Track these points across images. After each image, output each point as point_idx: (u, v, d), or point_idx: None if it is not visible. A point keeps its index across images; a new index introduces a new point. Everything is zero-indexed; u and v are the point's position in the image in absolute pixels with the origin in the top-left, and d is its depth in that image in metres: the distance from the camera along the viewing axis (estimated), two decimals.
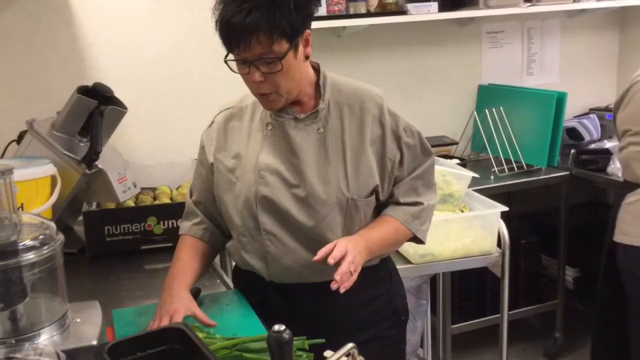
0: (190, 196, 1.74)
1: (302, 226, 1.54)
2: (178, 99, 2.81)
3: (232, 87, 2.73)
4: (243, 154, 1.58)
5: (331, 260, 1.40)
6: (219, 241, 1.72)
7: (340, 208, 1.54)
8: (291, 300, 1.61)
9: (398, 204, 1.63)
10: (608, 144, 3.14)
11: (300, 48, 1.47)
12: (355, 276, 1.43)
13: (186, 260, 1.64)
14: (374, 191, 1.58)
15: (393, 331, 1.72)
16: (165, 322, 1.45)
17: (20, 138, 2.12)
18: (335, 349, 1.20)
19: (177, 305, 1.50)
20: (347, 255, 1.43)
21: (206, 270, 1.72)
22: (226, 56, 1.47)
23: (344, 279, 1.40)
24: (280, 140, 1.55)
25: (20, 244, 1.24)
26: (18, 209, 1.35)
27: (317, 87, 1.58)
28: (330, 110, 1.57)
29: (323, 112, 1.56)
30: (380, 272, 1.68)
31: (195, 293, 1.65)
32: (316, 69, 1.59)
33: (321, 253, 1.43)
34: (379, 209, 1.64)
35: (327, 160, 1.54)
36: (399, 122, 1.59)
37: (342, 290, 1.40)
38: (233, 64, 1.48)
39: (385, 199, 1.63)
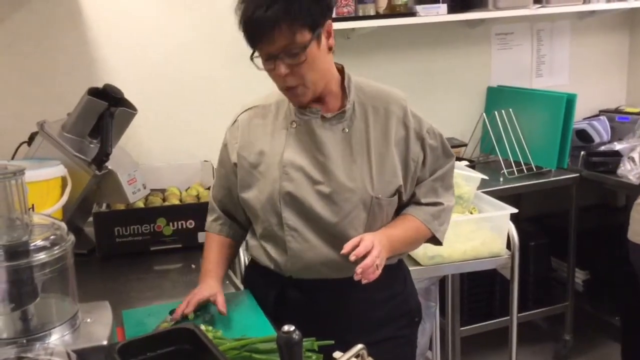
0: (212, 192, 1.80)
1: (325, 222, 1.56)
2: (187, 100, 2.82)
3: (239, 88, 2.77)
4: (267, 151, 1.60)
5: (353, 258, 1.42)
6: (238, 234, 1.78)
7: (364, 206, 1.56)
8: (309, 296, 1.62)
9: (419, 204, 1.66)
10: (618, 146, 3.12)
11: (323, 39, 1.49)
12: (379, 271, 1.45)
13: (214, 257, 1.73)
14: (397, 191, 1.60)
15: (407, 331, 1.74)
16: (189, 301, 1.57)
17: (31, 139, 2.14)
18: (349, 347, 1.21)
19: (203, 288, 1.62)
20: (374, 249, 1.45)
21: (233, 260, 1.84)
22: (252, 55, 1.49)
23: (369, 272, 1.42)
24: (305, 138, 1.57)
25: (32, 245, 1.25)
26: (29, 209, 1.36)
27: (342, 88, 1.60)
28: (356, 110, 1.59)
29: (348, 112, 1.58)
30: (396, 272, 1.70)
31: None
32: (340, 70, 1.61)
33: (348, 247, 1.45)
34: (399, 209, 1.66)
35: (353, 159, 1.57)
36: (422, 124, 1.62)
37: (364, 282, 1.42)
38: (259, 63, 1.50)
39: (407, 200, 1.66)
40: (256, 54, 1.48)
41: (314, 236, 1.57)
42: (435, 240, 1.71)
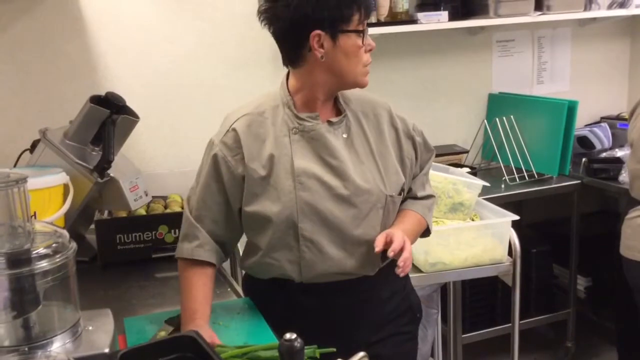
0: (191, 213, 1.64)
1: (344, 228, 1.56)
2: (189, 108, 2.82)
3: (241, 95, 2.75)
4: (275, 161, 1.55)
5: (391, 253, 1.48)
6: (222, 261, 1.68)
7: (381, 205, 1.59)
8: (316, 298, 1.62)
9: (415, 198, 1.73)
10: (619, 153, 3.13)
11: None
12: (410, 263, 1.52)
13: (202, 293, 1.57)
14: (402, 189, 1.65)
15: (410, 327, 1.78)
16: None
17: (33, 147, 2.14)
18: (355, 347, 1.23)
19: (210, 335, 1.46)
20: (406, 242, 1.51)
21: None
22: (342, 29, 1.49)
23: (407, 265, 1.49)
24: (313, 144, 1.57)
25: (34, 252, 1.25)
26: (31, 217, 1.36)
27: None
28: (349, 117, 1.62)
29: (345, 118, 1.61)
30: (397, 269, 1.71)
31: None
32: None
33: (380, 244, 1.49)
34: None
35: (360, 161, 1.59)
36: (407, 123, 1.69)
37: (402, 275, 1.50)
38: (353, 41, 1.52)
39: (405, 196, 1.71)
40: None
41: (330, 245, 1.56)
42: (426, 232, 1.77)
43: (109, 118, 2.07)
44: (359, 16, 1.49)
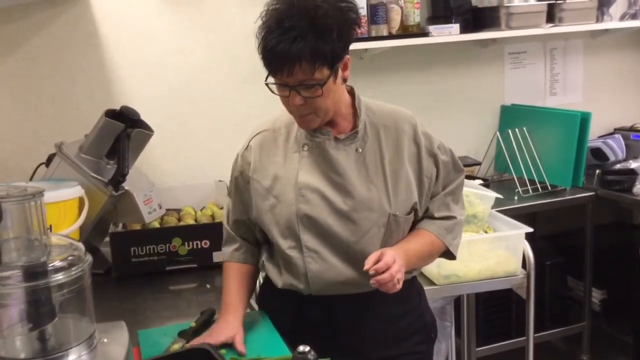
0: (227, 222, 1.75)
1: (344, 242, 1.57)
2: (202, 122, 2.84)
3: (254, 108, 2.79)
4: (281, 175, 1.60)
5: (372, 272, 1.44)
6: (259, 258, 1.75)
7: (382, 223, 1.57)
8: (326, 312, 1.62)
9: (432, 218, 1.68)
10: (633, 164, 3.11)
11: (340, 72, 1.50)
12: (400, 285, 1.47)
13: (236, 290, 1.68)
14: (413, 208, 1.62)
15: (424, 347, 1.75)
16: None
17: (49, 161, 2.16)
18: None
19: (220, 330, 1.56)
20: (394, 264, 1.46)
21: (255, 287, 1.78)
22: (267, 78, 1.49)
23: (388, 286, 1.45)
24: (319, 160, 1.58)
25: (50, 265, 1.26)
26: (47, 230, 1.37)
27: (353, 109, 1.61)
28: (367, 130, 1.60)
29: (361, 132, 1.59)
30: (411, 288, 1.71)
31: (210, 315, 1.68)
32: (350, 92, 1.63)
33: (369, 262, 1.46)
34: (413, 224, 1.67)
35: (369, 178, 1.58)
36: (433, 141, 1.65)
37: (390, 292, 1.46)
38: (273, 86, 1.50)
39: (421, 215, 1.67)
40: (271, 78, 1.49)
41: (333, 256, 1.58)
42: (449, 255, 1.72)
43: (123, 132, 2.09)
44: (269, 69, 1.46)
